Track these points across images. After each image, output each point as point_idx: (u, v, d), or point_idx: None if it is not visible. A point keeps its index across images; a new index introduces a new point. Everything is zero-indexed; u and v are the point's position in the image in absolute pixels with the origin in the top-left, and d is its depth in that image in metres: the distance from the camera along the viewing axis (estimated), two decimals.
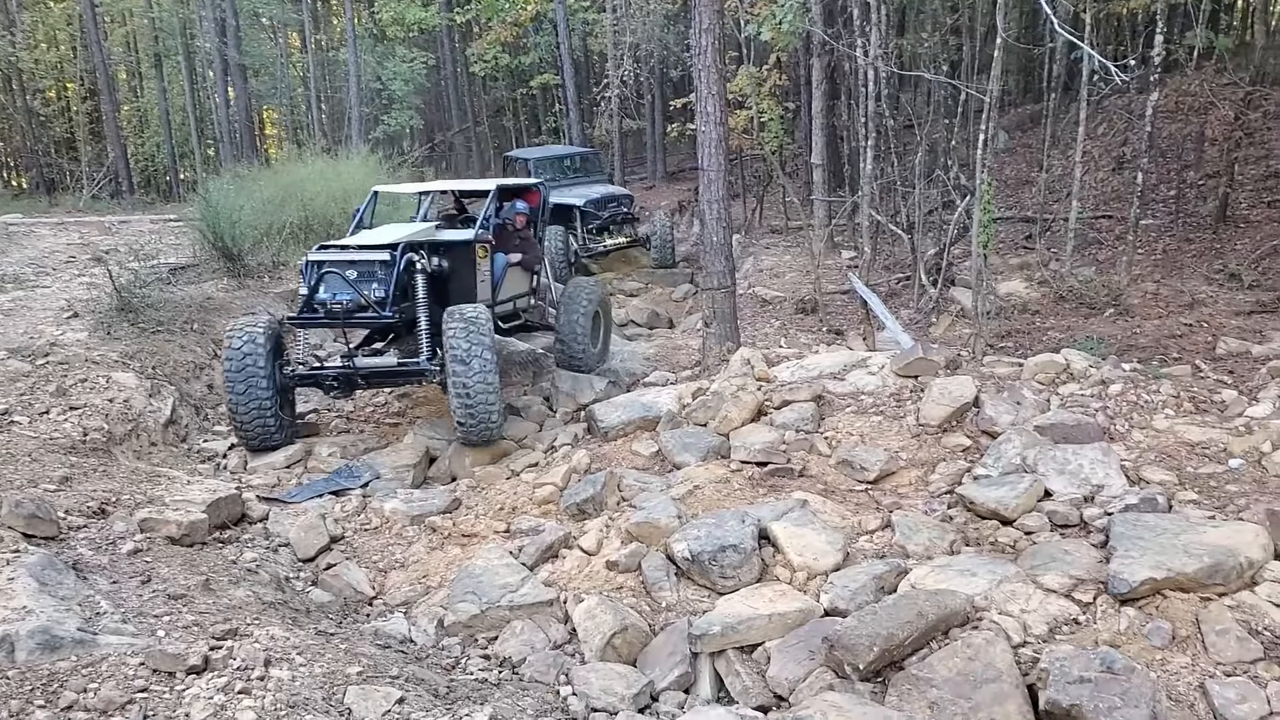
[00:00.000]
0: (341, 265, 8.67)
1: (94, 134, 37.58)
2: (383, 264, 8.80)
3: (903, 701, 4.52)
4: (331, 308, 8.57)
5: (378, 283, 8.73)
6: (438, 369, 8.68)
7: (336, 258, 8.79)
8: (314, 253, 8.93)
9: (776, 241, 19.57)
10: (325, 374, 8.91)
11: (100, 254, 13.52)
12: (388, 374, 9.00)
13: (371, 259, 8.78)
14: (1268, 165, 14.54)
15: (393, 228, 10.01)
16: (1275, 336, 9.44)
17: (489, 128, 40.20)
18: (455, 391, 8.23)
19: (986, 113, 9.63)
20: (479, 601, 6.04)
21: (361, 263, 8.75)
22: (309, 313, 8.72)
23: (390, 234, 9.35)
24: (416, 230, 9.63)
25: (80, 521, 5.98)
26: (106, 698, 3.70)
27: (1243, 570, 4.86)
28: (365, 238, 9.36)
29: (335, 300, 8.56)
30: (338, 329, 9.38)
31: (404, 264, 8.88)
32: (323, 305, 8.60)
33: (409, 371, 8.90)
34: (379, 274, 8.77)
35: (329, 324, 8.94)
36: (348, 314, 8.59)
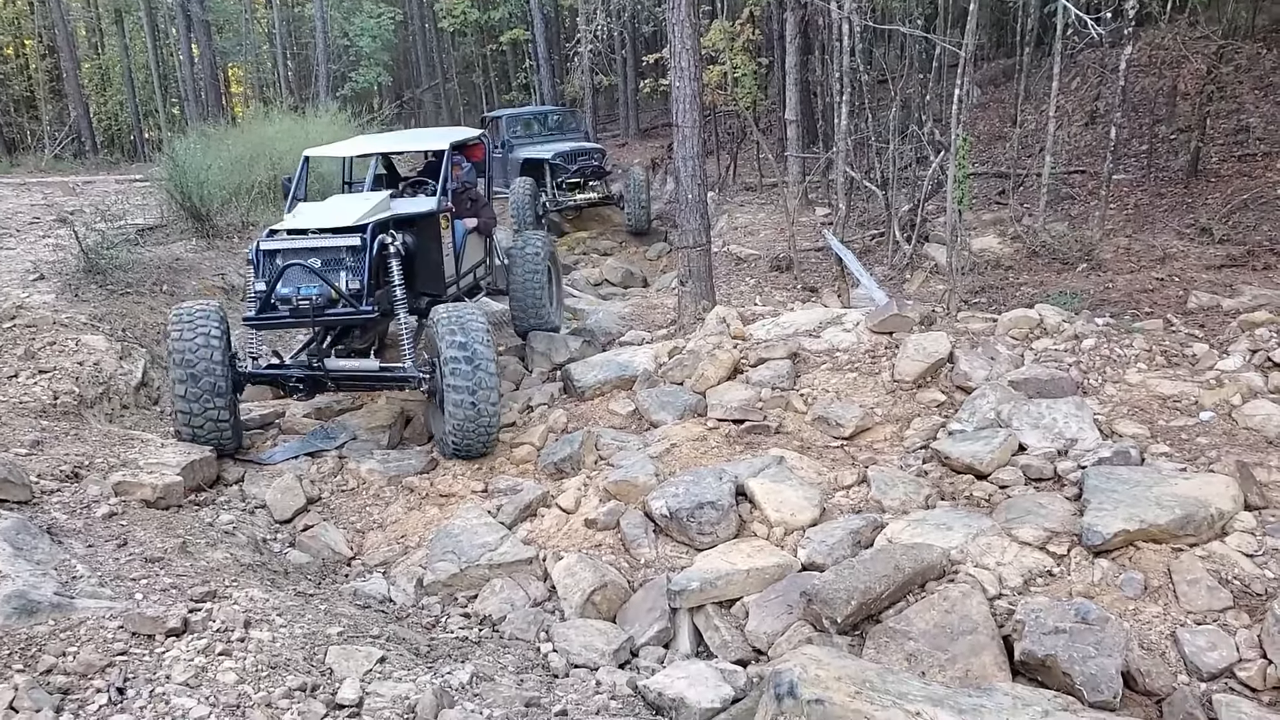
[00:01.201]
0: (302, 254, 7.51)
1: (54, 92, 36.80)
2: (352, 250, 7.63)
3: (880, 654, 4.58)
4: (298, 305, 7.37)
5: (348, 271, 7.57)
6: (426, 376, 7.65)
7: (295, 245, 7.58)
8: (266, 240, 7.68)
9: (751, 199, 19.51)
10: (288, 374, 7.82)
11: (65, 215, 13.32)
12: (365, 379, 8.01)
13: (338, 244, 7.60)
14: (1239, 119, 14.61)
15: (343, 201, 8.64)
16: (1245, 290, 9.53)
17: (458, 84, 39.71)
18: (454, 402, 7.25)
19: (962, 67, 9.59)
20: (458, 560, 6.05)
21: (326, 249, 7.58)
22: (269, 312, 7.54)
23: (348, 210, 8.00)
24: (376, 204, 8.17)
25: (53, 486, 5.93)
26: (86, 661, 3.68)
27: (1213, 521, 4.95)
28: (315, 216, 7.99)
29: (302, 296, 7.37)
30: (305, 328, 8.22)
31: (376, 247, 7.74)
32: (286, 302, 7.42)
33: (392, 378, 7.88)
34: (348, 261, 7.62)
35: (295, 324, 7.89)
36: (318, 311, 7.40)
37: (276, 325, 8.09)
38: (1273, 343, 6.76)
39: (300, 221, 7.90)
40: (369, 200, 8.29)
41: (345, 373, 7.86)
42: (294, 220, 7.97)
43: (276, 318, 7.62)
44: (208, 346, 7.26)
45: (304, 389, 7.89)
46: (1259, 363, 6.67)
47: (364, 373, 7.91)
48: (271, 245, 7.60)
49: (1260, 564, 4.70)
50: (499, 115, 21.23)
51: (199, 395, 7.21)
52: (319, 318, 7.51)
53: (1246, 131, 14.19)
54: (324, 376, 7.79)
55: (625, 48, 30.19)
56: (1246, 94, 15.02)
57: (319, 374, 7.77)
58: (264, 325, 7.85)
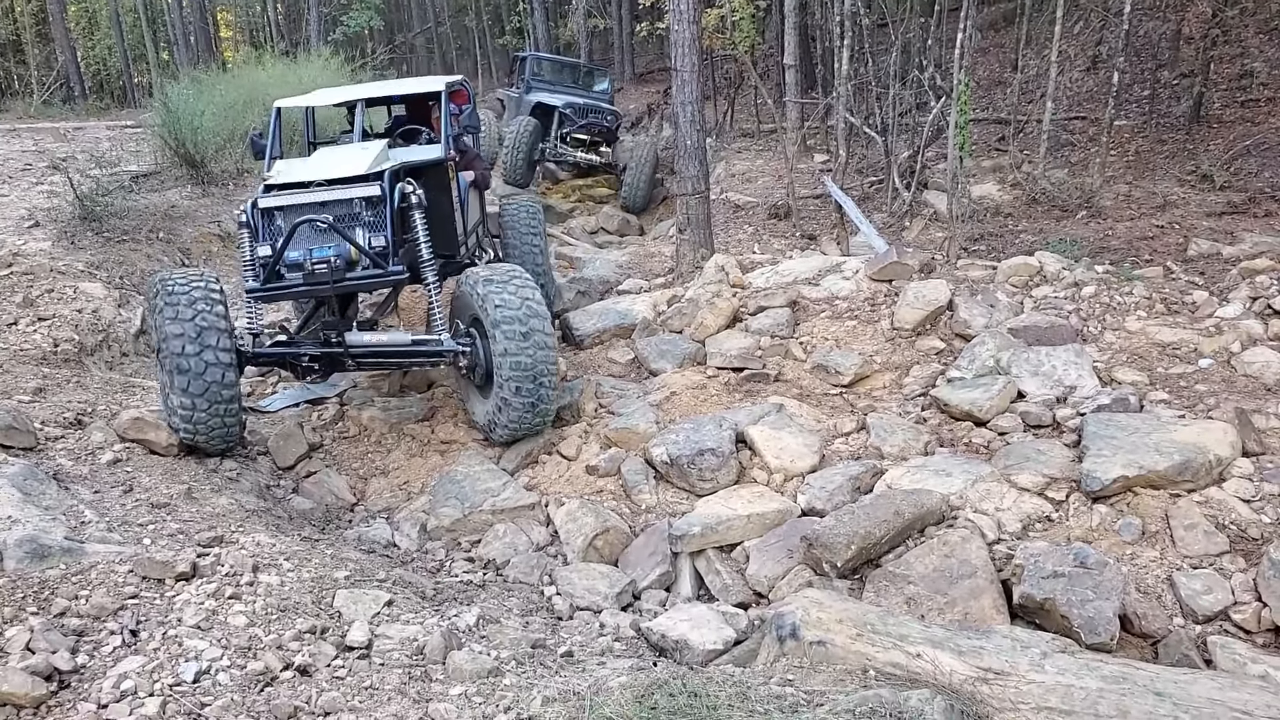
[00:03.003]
0: (311, 209, 6.42)
1: (41, 36, 36.23)
2: (369, 201, 6.57)
3: (880, 597, 4.64)
4: (314, 269, 6.20)
5: (366, 228, 6.55)
6: (466, 349, 6.69)
7: (301, 200, 6.45)
8: (265, 197, 6.50)
9: (749, 145, 19.36)
10: (300, 352, 6.75)
11: (58, 161, 13.21)
12: (395, 355, 6.87)
13: (351, 196, 6.52)
14: (1242, 64, 14.47)
15: (341, 151, 7.46)
16: (1245, 237, 9.53)
17: (451, 29, 39.18)
18: (510, 381, 6.30)
19: (965, 11, 9.49)
20: (461, 506, 6.11)
21: (337, 203, 6.49)
22: (277, 281, 6.39)
23: (353, 159, 6.90)
24: (379, 152, 7.05)
25: (57, 432, 5.95)
26: (98, 604, 3.73)
27: (1211, 467, 4.99)
28: (315, 168, 6.86)
29: (317, 260, 6.22)
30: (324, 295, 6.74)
31: (397, 197, 6.72)
32: (298, 267, 6.27)
33: (426, 352, 6.79)
34: (366, 215, 6.57)
35: (310, 292, 6.62)
36: (338, 276, 6.26)
37: (288, 295, 6.90)
38: (1273, 290, 6.77)
39: (299, 173, 6.73)
40: (369, 149, 7.16)
41: (370, 348, 6.75)
42: (288, 173, 6.81)
43: (287, 287, 6.44)
44: (213, 330, 6.00)
45: (319, 369, 6.90)
46: (1259, 310, 6.68)
47: (394, 348, 6.81)
48: (272, 202, 6.45)
49: (1257, 509, 4.76)
50: (527, 55, 20.86)
51: (203, 391, 5.95)
52: (340, 283, 6.35)
53: (1250, 76, 14.07)
54: (344, 354, 6.70)
55: None
56: (1251, 38, 14.87)
57: (338, 351, 6.69)
58: (273, 296, 6.70)
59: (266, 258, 6.37)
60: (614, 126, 18.60)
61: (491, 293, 6.41)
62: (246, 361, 6.65)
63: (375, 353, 6.80)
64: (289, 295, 6.92)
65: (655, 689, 3.22)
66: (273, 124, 7.80)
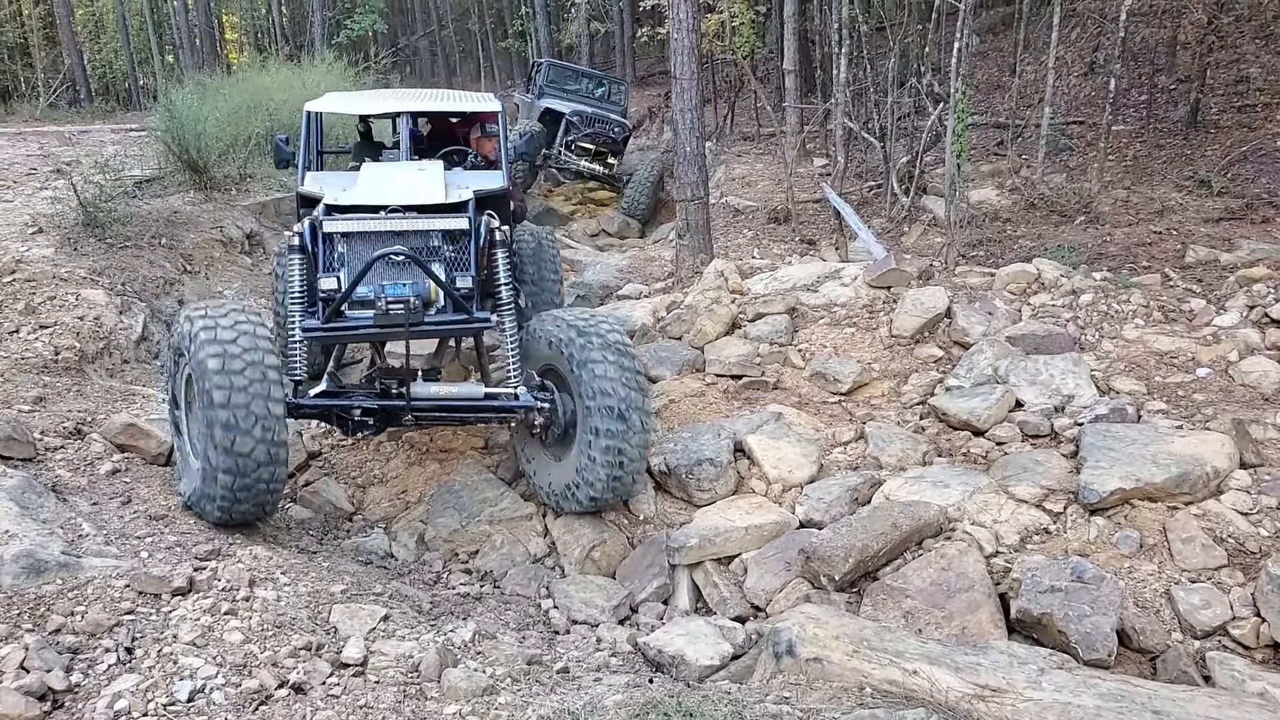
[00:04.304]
0: (385, 239, 5.57)
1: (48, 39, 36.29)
2: (451, 235, 5.74)
3: (878, 611, 4.65)
4: (390, 309, 5.33)
5: (446, 264, 5.69)
6: (548, 406, 5.87)
7: (377, 227, 5.59)
8: (333, 220, 5.62)
9: (748, 149, 19.37)
10: (353, 404, 5.69)
11: (62, 166, 13.19)
12: (463, 410, 5.94)
13: (434, 227, 5.68)
14: (1239, 69, 14.47)
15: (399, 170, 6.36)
16: (1243, 244, 9.51)
17: (454, 32, 39.20)
18: (604, 449, 5.49)
19: (962, 17, 9.48)
20: (459, 516, 6.12)
21: (415, 234, 5.64)
22: (340, 320, 5.51)
23: (423, 182, 6.01)
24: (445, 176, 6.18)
25: (57, 442, 5.94)
26: (94, 620, 3.73)
27: (1209, 479, 4.99)
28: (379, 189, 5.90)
29: (393, 299, 5.37)
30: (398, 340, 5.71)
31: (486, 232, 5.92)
32: (366, 304, 5.46)
33: (500, 408, 5.90)
34: (446, 250, 5.73)
35: (383, 334, 5.63)
36: (415, 318, 5.40)
37: (355, 337, 5.87)
38: (1270, 299, 6.78)
39: (364, 195, 5.84)
40: (430, 171, 6.23)
41: (439, 402, 5.81)
42: (352, 193, 5.89)
43: (354, 328, 5.55)
44: (267, 381, 4.97)
45: (374, 424, 5.82)
46: (1256, 319, 6.69)
47: (465, 402, 5.88)
48: (343, 226, 5.60)
49: (1255, 522, 4.75)
50: (542, 61, 20.83)
51: (250, 450, 4.87)
52: (418, 327, 5.50)
53: (1246, 82, 14.06)
54: (406, 407, 5.70)
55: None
56: (1247, 44, 14.87)
57: (398, 405, 5.70)
58: (336, 337, 5.79)
59: (331, 292, 5.49)
60: (621, 138, 18.47)
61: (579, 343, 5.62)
62: (289, 414, 5.53)
63: (444, 407, 5.87)
64: (356, 337, 5.86)
65: (650, 709, 3.22)
66: (304, 130, 6.88)
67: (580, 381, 5.60)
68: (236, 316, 5.18)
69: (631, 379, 5.59)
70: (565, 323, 5.80)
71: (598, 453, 5.53)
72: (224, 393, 4.83)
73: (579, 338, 5.64)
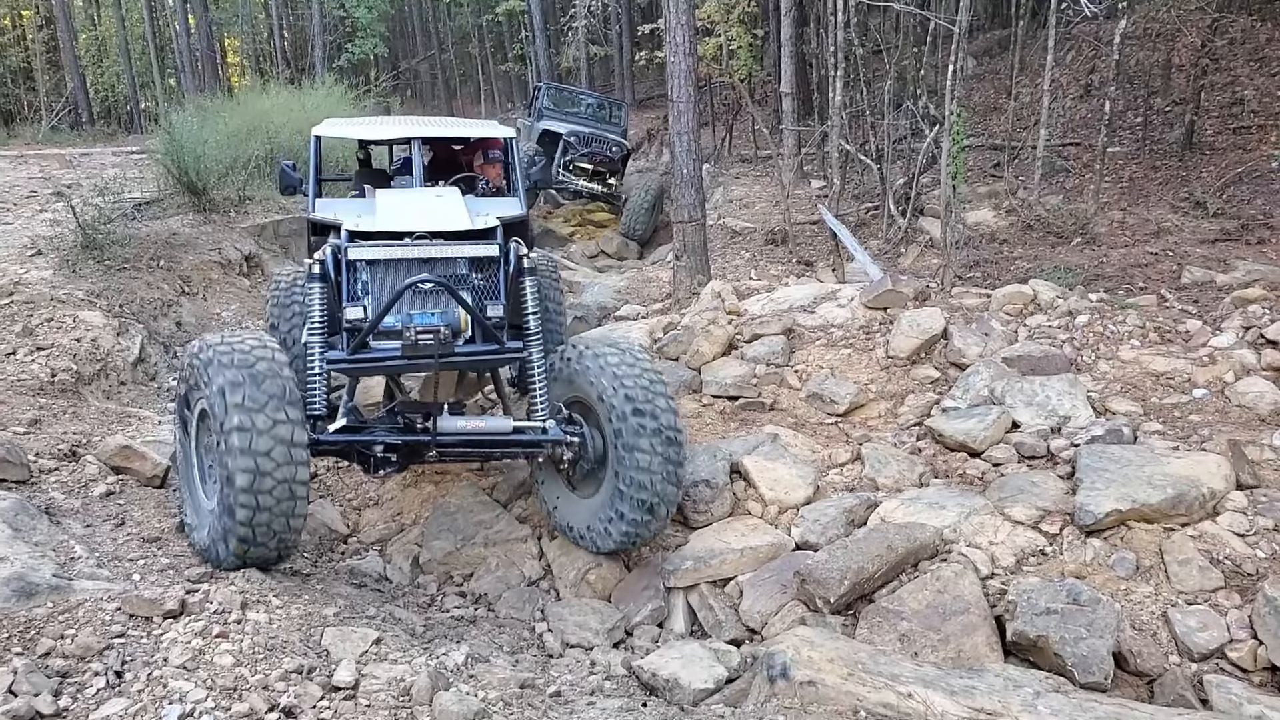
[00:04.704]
0: (412, 266, 5.36)
1: (51, 63, 36.62)
2: (479, 263, 5.58)
3: (873, 634, 4.62)
4: (419, 340, 5.11)
5: (474, 293, 5.51)
6: (577, 439, 5.64)
7: (406, 254, 5.40)
8: (356, 247, 5.41)
9: (746, 171, 19.45)
10: (375, 439, 5.39)
11: (62, 188, 13.25)
12: (489, 445, 5.67)
13: (463, 254, 5.51)
14: (1233, 92, 14.56)
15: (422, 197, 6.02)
16: (1238, 265, 9.54)
17: (455, 56, 39.49)
18: (637, 486, 5.27)
19: (956, 42, 9.53)
20: (454, 539, 6.09)
21: (443, 261, 5.47)
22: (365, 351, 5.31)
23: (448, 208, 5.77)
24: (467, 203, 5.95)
25: (51, 464, 5.93)
26: (84, 644, 3.70)
27: (1205, 500, 4.97)
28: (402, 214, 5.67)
29: (422, 328, 5.18)
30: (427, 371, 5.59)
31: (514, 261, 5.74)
32: (392, 335, 5.24)
33: (528, 442, 5.64)
34: (475, 278, 5.56)
35: (410, 365, 5.45)
36: (445, 348, 5.20)
37: (381, 369, 5.67)
38: (1265, 319, 6.78)
39: (387, 221, 5.59)
40: (449, 197, 5.97)
41: (465, 437, 5.52)
42: (372, 218, 5.65)
43: (381, 359, 5.36)
44: (287, 418, 4.65)
45: (396, 461, 5.52)
46: (1252, 339, 6.68)
47: (492, 435, 5.59)
48: (367, 253, 5.40)
49: (1251, 544, 4.73)
50: (543, 85, 20.95)
51: (271, 489, 4.55)
52: (448, 358, 5.30)
53: (1241, 104, 14.15)
54: (431, 442, 5.41)
55: (620, 18, 29.98)
56: (1241, 67, 14.97)
57: (423, 440, 5.42)
58: (361, 369, 5.56)
59: (357, 321, 5.31)
60: (618, 158, 18.47)
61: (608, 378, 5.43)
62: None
63: (470, 442, 5.57)
64: (383, 369, 5.65)
65: None
66: (311, 155, 6.48)
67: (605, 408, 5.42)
68: (256, 346, 4.87)
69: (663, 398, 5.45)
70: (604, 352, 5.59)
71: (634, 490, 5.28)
72: (245, 438, 4.50)
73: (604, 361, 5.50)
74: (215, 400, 4.61)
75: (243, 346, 4.84)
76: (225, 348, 4.81)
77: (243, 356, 4.75)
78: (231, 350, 4.78)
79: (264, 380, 4.66)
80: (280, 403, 4.64)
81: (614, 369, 5.45)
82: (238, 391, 4.58)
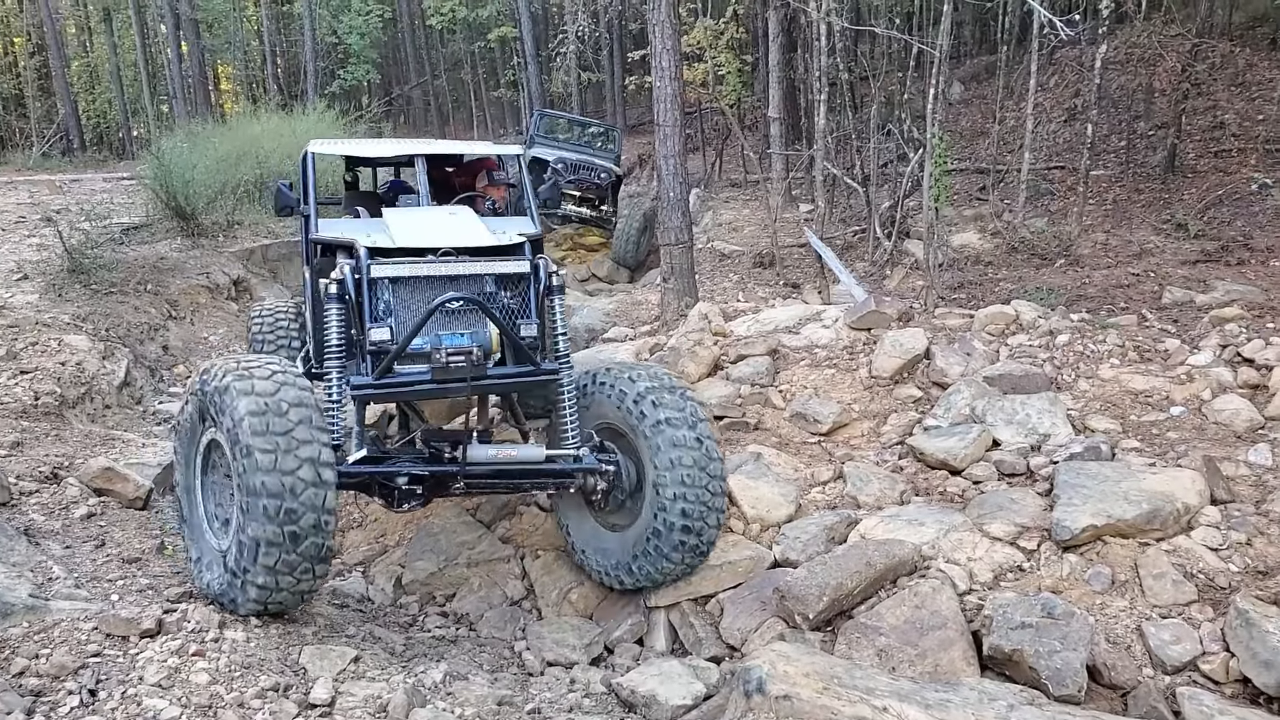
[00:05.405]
0: (439, 283, 5.11)
1: (43, 90, 36.73)
2: (509, 279, 5.32)
3: (852, 649, 4.63)
4: (450, 363, 4.84)
5: (505, 312, 5.21)
6: (613, 468, 5.41)
7: (433, 271, 5.12)
8: (380, 264, 5.08)
9: (736, 195, 19.57)
10: (399, 471, 5.03)
11: (51, 214, 13.29)
12: (520, 476, 5.39)
13: (491, 271, 5.26)
14: (1214, 116, 14.73)
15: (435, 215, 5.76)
16: (1218, 285, 9.62)
17: (447, 82, 39.67)
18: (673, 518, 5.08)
19: (937, 67, 9.65)
20: (437, 559, 6.10)
21: (469, 279, 5.20)
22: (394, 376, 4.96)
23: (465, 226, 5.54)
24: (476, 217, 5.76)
25: (32, 487, 5.94)
26: (59, 663, 3.71)
27: (1179, 515, 5.01)
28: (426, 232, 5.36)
29: (453, 350, 4.87)
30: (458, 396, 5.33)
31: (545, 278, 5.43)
32: (420, 358, 4.94)
33: (558, 471, 5.40)
34: (504, 296, 5.28)
35: (441, 390, 5.06)
36: (478, 371, 4.93)
37: (410, 395, 5.37)
38: (1242, 338, 6.83)
39: (410, 238, 5.25)
40: (463, 216, 5.75)
41: (496, 467, 5.24)
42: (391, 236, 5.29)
43: (410, 384, 5.00)
44: (313, 447, 4.29)
45: (422, 495, 5.21)
46: (1229, 358, 6.74)
47: (524, 464, 5.28)
48: (391, 271, 5.08)
49: (1224, 558, 4.77)
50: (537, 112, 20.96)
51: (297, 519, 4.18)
52: (481, 381, 5.01)
53: (1222, 128, 14.31)
54: (460, 473, 5.14)
55: (611, 45, 30.20)
56: (1221, 91, 15.15)
57: (450, 470, 5.13)
58: (392, 395, 5.30)
59: (383, 344, 4.95)
60: (606, 184, 18.40)
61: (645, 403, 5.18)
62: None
63: (501, 473, 5.29)
64: (412, 394, 5.30)
65: None
66: (309, 175, 6.14)
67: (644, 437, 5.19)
68: (277, 371, 4.52)
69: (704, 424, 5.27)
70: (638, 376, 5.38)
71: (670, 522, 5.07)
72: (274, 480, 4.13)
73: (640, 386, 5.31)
74: (234, 430, 4.22)
75: (262, 372, 4.47)
76: (243, 373, 4.44)
77: (264, 383, 4.39)
78: (250, 375, 4.42)
79: (289, 408, 4.30)
80: (307, 430, 4.28)
81: (652, 397, 5.22)
82: (260, 420, 4.20)
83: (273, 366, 4.57)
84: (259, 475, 4.12)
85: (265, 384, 4.38)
